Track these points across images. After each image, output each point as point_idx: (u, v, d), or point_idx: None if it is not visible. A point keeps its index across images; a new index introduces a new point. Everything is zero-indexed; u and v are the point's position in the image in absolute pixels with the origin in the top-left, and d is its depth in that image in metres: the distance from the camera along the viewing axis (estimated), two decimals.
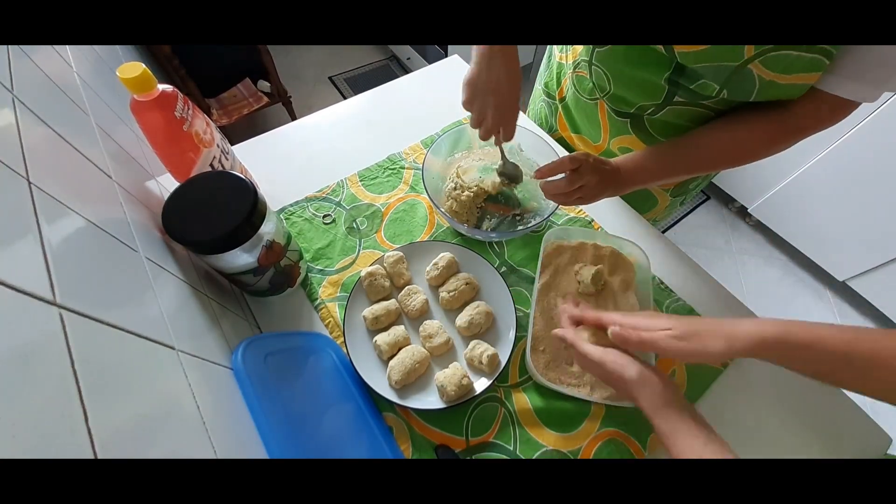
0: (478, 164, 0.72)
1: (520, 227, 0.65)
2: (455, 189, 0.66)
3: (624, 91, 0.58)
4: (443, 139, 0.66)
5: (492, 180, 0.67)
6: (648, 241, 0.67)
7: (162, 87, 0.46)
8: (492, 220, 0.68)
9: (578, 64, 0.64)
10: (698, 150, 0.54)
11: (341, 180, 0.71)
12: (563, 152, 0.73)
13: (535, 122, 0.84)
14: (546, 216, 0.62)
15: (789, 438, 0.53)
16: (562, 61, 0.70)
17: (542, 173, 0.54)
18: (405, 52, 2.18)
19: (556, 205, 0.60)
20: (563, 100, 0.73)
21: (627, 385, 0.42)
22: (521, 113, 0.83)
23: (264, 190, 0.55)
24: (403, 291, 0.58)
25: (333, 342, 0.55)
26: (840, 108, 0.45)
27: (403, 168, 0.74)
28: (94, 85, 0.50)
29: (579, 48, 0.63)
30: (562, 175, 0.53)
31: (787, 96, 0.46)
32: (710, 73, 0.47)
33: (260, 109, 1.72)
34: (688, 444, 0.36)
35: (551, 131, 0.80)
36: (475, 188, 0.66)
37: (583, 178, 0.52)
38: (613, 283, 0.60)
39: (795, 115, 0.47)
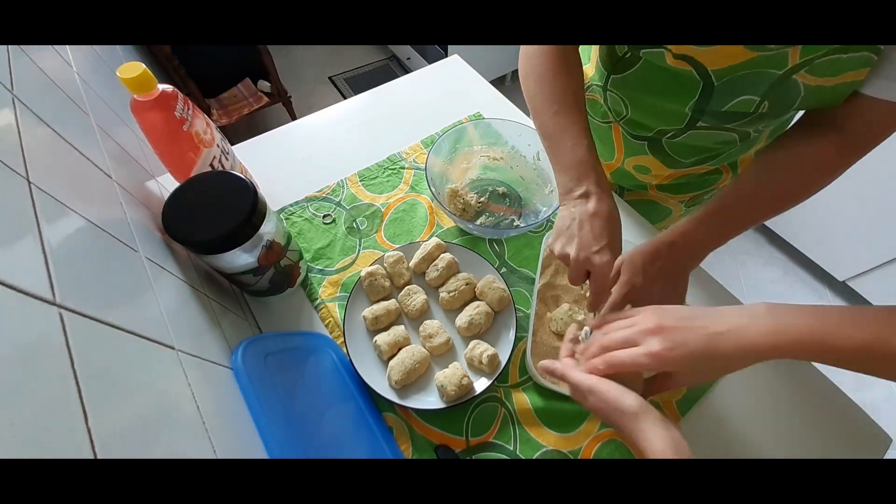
0: (479, 163, 0.72)
1: (522, 224, 0.64)
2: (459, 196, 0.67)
3: (642, 117, 0.56)
4: (443, 139, 0.66)
5: None
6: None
7: (162, 87, 0.46)
8: (489, 217, 0.68)
9: (589, 87, 0.61)
10: (757, 206, 0.47)
11: (341, 180, 0.71)
12: None
13: None
14: (547, 215, 0.62)
15: (789, 439, 0.53)
16: None
17: (600, 323, 0.41)
18: (405, 52, 2.18)
19: (557, 205, 0.59)
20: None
21: (624, 416, 0.34)
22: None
23: (264, 190, 0.55)
24: (403, 291, 0.58)
25: (333, 342, 0.55)
26: (893, 115, 0.39)
27: (403, 168, 0.74)
28: (94, 85, 0.50)
29: (590, 71, 0.60)
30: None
31: (832, 101, 0.41)
32: (750, 84, 0.43)
33: (260, 109, 1.72)
34: None
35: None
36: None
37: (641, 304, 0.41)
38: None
39: (860, 132, 0.42)
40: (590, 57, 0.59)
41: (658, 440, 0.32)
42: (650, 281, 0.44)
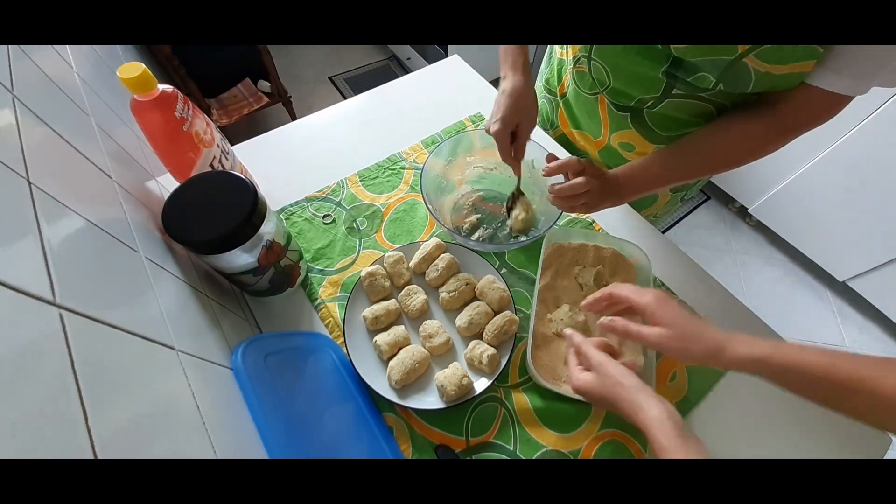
0: (478, 170, 0.72)
1: (522, 238, 0.64)
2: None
3: (623, 84, 0.59)
4: (445, 143, 0.65)
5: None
6: (649, 241, 0.67)
7: (162, 87, 0.46)
8: (487, 229, 0.68)
9: (578, 59, 0.64)
10: (696, 155, 0.54)
11: (341, 180, 0.71)
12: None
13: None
14: (544, 231, 0.62)
15: (789, 439, 0.53)
16: (562, 57, 0.71)
17: (549, 171, 0.54)
18: (405, 52, 2.18)
19: (556, 217, 0.60)
20: (563, 96, 0.74)
21: (625, 389, 0.39)
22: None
23: (264, 190, 0.55)
24: (403, 291, 0.58)
25: (333, 342, 0.55)
26: (833, 104, 0.44)
27: (403, 168, 0.74)
28: (94, 85, 0.50)
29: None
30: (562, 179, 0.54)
31: (785, 86, 0.46)
32: (706, 66, 0.47)
33: (260, 109, 1.72)
34: None
35: (553, 127, 0.81)
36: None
37: (588, 183, 0.51)
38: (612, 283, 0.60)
39: (789, 114, 0.47)
40: None
41: (654, 407, 0.37)
42: (594, 175, 0.53)
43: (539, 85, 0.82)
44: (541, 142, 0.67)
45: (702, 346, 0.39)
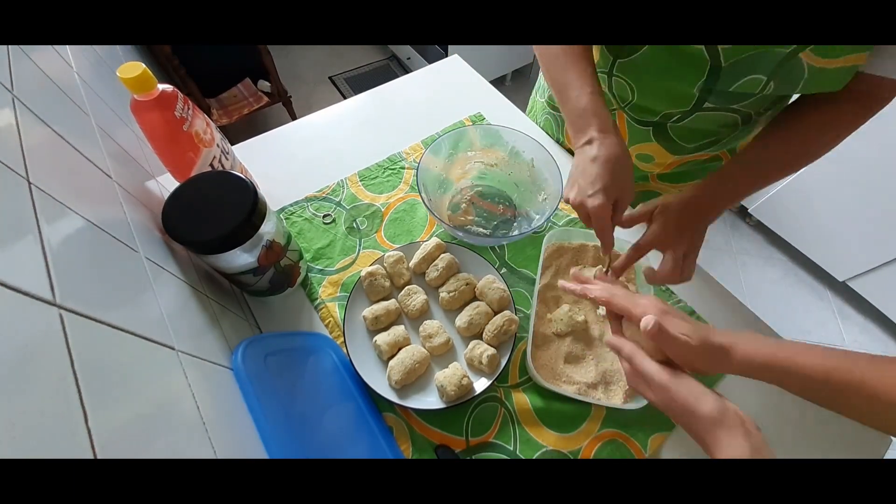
0: (474, 169, 0.72)
1: (515, 232, 0.64)
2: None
3: (648, 101, 0.56)
4: (443, 139, 0.65)
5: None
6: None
7: (162, 87, 0.46)
8: (486, 229, 0.68)
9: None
10: (772, 162, 0.48)
11: (341, 180, 0.71)
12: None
13: (531, 114, 0.83)
14: (540, 223, 0.62)
15: (789, 439, 0.53)
16: None
17: (630, 220, 0.49)
18: (405, 52, 2.18)
19: (553, 209, 0.59)
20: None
21: (699, 422, 0.33)
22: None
23: (264, 190, 0.55)
24: (403, 291, 0.58)
25: (333, 342, 0.55)
26: (890, 88, 0.42)
27: (403, 168, 0.74)
28: (94, 85, 0.50)
29: (594, 58, 0.60)
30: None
31: (833, 85, 0.43)
32: (758, 64, 0.44)
33: (260, 109, 1.72)
34: None
35: (558, 143, 0.79)
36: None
37: (668, 224, 0.47)
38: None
39: (854, 97, 0.44)
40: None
41: (737, 451, 0.31)
42: (680, 231, 0.48)
43: (540, 101, 0.80)
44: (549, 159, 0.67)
45: (709, 364, 0.36)
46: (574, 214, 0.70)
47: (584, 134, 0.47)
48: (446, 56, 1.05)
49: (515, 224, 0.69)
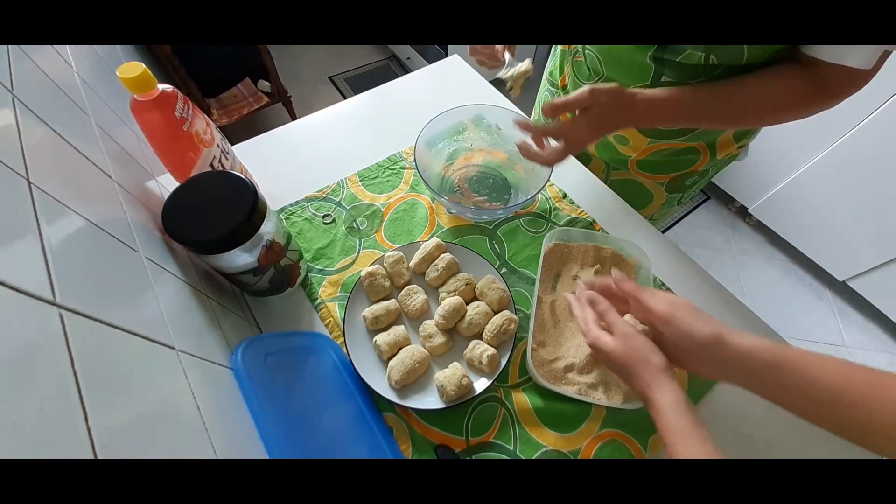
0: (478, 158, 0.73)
1: (512, 204, 0.65)
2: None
3: (613, 72, 0.59)
4: (433, 123, 0.67)
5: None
6: (649, 241, 0.67)
7: (162, 87, 0.46)
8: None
9: (576, 50, 0.65)
10: (729, 99, 0.50)
11: (341, 180, 0.71)
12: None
13: (539, 111, 0.84)
14: (533, 194, 0.63)
15: (789, 439, 0.52)
16: (564, 49, 0.71)
17: (553, 108, 0.49)
18: (405, 52, 2.18)
19: (543, 184, 0.60)
20: (564, 88, 0.74)
21: (650, 367, 0.39)
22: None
23: (264, 190, 0.55)
24: (403, 291, 0.58)
25: (333, 342, 0.55)
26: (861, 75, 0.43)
27: (403, 168, 0.74)
28: (94, 85, 0.50)
29: None
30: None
31: (779, 51, 0.44)
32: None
33: (260, 109, 1.72)
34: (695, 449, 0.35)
35: (554, 120, 0.81)
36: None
37: (592, 96, 0.47)
38: None
39: (831, 80, 0.44)
40: None
41: (669, 392, 0.37)
42: (598, 130, 0.51)
43: (544, 78, 0.83)
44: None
45: (707, 326, 0.38)
46: (574, 214, 0.70)
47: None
48: (446, 56, 1.05)
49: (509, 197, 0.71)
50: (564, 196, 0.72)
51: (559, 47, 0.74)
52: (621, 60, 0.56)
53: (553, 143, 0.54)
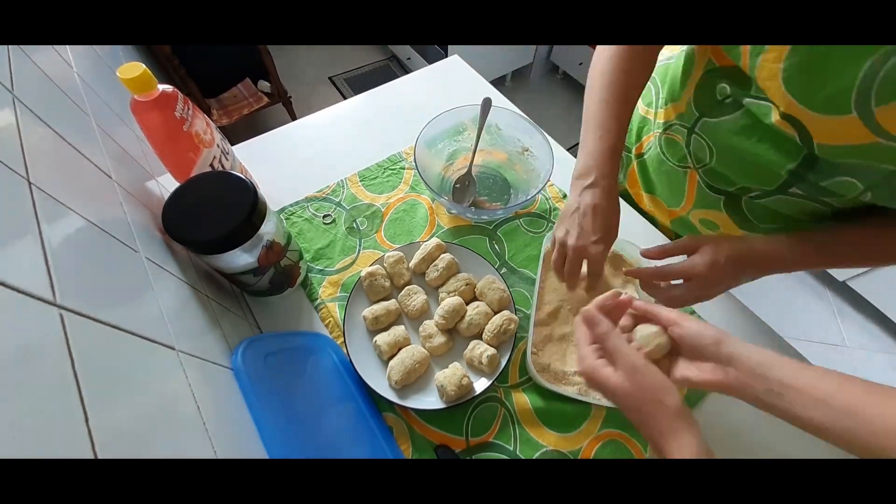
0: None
1: (510, 205, 0.65)
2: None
3: (727, 169, 0.50)
4: (433, 123, 0.67)
5: None
6: (649, 242, 0.67)
7: (162, 87, 0.46)
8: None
9: (671, 126, 0.56)
10: (852, 249, 0.45)
11: (341, 180, 0.71)
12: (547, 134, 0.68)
13: None
14: (533, 194, 0.63)
15: (789, 439, 0.52)
16: (647, 116, 0.62)
17: (651, 254, 0.47)
18: (405, 52, 2.18)
19: (543, 184, 0.60)
20: (640, 156, 0.66)
21: (664, 410, 0.33)
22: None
23: (264, 190, 0.55)
24: (403, 291, 0.58)
25: (333, 342, 0.55)
26: None
27: (403, 168, 0.74)
28: (94, 85, 0.50)
29: (679, 109, 0.54)
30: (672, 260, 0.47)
31: None
32: (857, 172, 0.39)
33: (260, 109, 1.72)
34: None
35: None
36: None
37: (703, 264, 0.43)
38: (614, 285, 0.60)
39: None
40: (681, 95, 0.53)
41: (688, 448, 0.31)
42: (724, 278, 0.45)
43: None
44: (520, 121, 0.68)
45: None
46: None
47: (592, 173, 0.46)
48: (446, 56, 1.05)
49: (510, 197, 0.71)
50: (564, 196, 0.72)
51: (638, 111, 0.64)
52: (747, 161, 0.47)
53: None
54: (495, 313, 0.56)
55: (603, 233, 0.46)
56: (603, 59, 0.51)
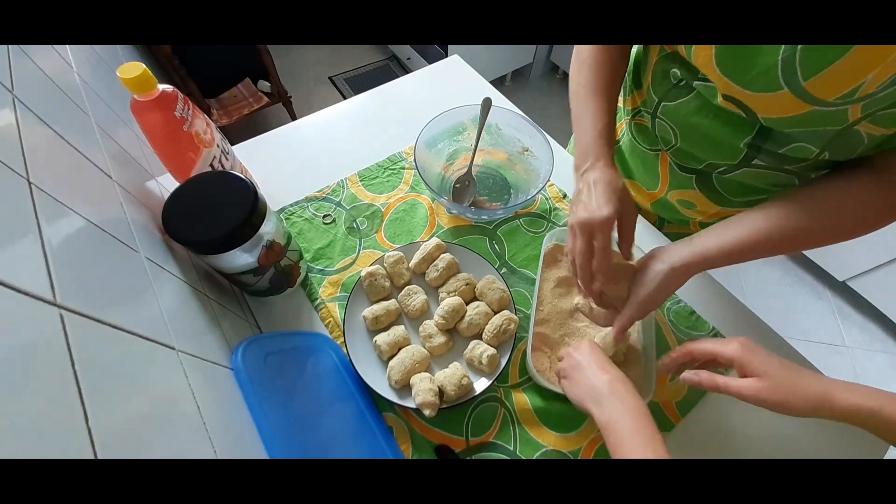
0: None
1: (510, 205, 0.65)
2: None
3: (692, 147, 0.52)
4: (433, 123, 0.67)
5: None
6: (649, 242, 0.67)
7: (162, 87, 0.46)
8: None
9: (638, 112, 0.59)
10: (783, 242, 0.43)
11: (341, 180, 0.71)
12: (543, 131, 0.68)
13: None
14: (533, 194, 0.63)
15: (789, 439, 0.53)
16: (618, 105, 0.63)
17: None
18: (405, 52, 2.18)
19: (543, 184, 0.60)
20: (615, 143, 0.65)
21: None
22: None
23: (264, 190, 0.55)
24: (403, 291, 0.58)
25: (333, 342, 0.55)
26: None
27: (403, 168, 0.74)
28: (94, 85, 0.50)
29: (642, 96, 0.56)
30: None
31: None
32: (807, 137, 0.41)
33: (260, 109, 1.72)
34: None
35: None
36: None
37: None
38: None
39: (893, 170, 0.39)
40: (642, 82, 0.56)
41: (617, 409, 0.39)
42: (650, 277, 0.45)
43: None
44: (519, 121, 0.69)
45: (805, 401, 0.36)
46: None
47: (586, 163, 0.48)
48: (446, 56, 1.05)
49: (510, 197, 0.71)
50: (564, 196, 0.72)
51: None
52: (707, 138, 0.49)
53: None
54: (495, 313, 0.56)
55: (606, 200, 0.44)
56: (582, 52, 0.54)
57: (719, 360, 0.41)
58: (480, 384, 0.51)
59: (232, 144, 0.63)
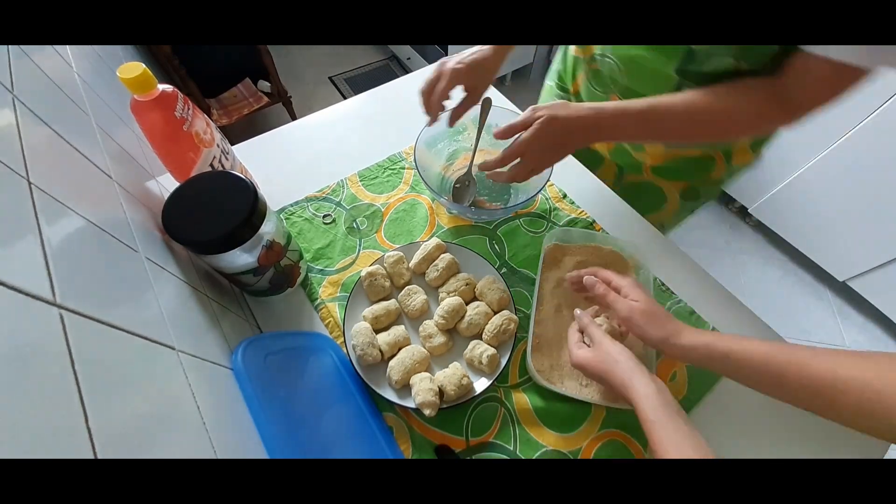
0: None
1: (510, 205, 0.65)
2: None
3: (635, 83, 0.58)
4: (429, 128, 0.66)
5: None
6: (649, 241, 0.67)
7: (162, 87, 0.46)
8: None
9: (593, 57, 0.64)
10: (684, 116, 0.49)
11: (341, 180, 0.71)
12: None
13: None
14: (533, 194, 0.63)
15: (790, 439, 0.53)
16: (577, 56, 0.70)
17: (502, 133, 0.51)
18: (405, 52, 2.18)
19: (543, 184, 0.61)
20: (577, 94, 0.73)
21: (620, 367, 0.42)
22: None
23: (264, 190, 0.55)
24: (403, 291, 0.58)
25: (333, 342, 0.55)
26: (839, 77, 0.40)
27: (403, 168, 0.74)
28: (94, 85, 0.50)
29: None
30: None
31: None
32: (723, 50, 0.46)
33: (260, 109, 1.72)
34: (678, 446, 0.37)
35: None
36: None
37: (533, 136, 0.48)
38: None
39: (791, 87, 0.44)
40: None
41: (644, 385, 0.40)
42: (554, 149, 0.51)
43: (550, 84, 0.82)
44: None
45: (658, 331, 0.44)
46: (574, 214, 0.70)
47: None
48: (446, 56, 1.05)
49: (509, 196, 0.71)
50: (564, 196, 0.72)
51: (570, 52, 0.72)
52: (644, 71, 0.55)
53: None
54: (495, 313, 0.56)
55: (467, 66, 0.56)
56: None
57: (613, 284, 0.49)
58: (480, 384, 0.51)
59: (232, 144, 0.63)
